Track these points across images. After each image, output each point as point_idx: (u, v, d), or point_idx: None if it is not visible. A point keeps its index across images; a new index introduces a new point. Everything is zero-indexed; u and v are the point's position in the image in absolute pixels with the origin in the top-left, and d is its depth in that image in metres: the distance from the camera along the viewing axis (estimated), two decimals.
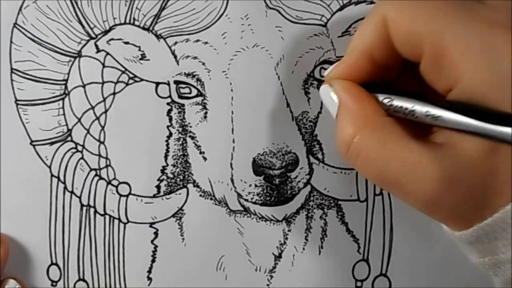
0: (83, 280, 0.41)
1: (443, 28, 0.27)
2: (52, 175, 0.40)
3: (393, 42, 0.30)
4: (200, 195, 0.41)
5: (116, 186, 0.41)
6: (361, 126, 0.30)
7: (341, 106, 0.31)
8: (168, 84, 0.40)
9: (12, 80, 0.40)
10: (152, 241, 0.41)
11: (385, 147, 0.29)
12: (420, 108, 0.29)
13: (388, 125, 0.30)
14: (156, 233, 0.41)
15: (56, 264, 0.41)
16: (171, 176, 0.41)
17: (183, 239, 0.41)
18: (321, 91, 0.33)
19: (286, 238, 0.41)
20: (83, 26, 0.40)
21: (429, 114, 0.28)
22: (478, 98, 0.27)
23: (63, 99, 0.40)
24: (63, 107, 0.40)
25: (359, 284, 0.42)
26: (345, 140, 0.30)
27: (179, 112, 0.40)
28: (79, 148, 0.40)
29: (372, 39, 0.30)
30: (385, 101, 0.31)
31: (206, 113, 0.40)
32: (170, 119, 0.40)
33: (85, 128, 0.40)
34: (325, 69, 0.40)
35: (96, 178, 0.41)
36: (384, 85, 0.32)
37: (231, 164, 0.40)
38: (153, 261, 0.41)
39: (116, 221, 0.41)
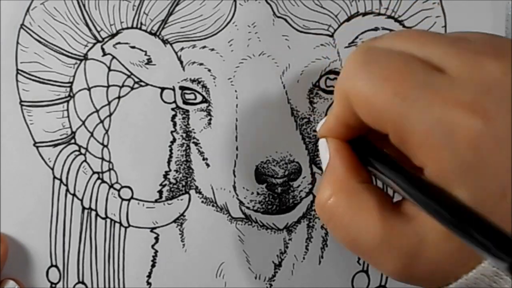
0: (83, 283, 0.41)
1: (404, 113, 0.26)
2: (54, 177, 0.40)
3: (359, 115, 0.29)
4: (202, 202, 0.41)
5: (118, 190, 0.41)
6: (337, 190, 0.30)
7: (328, 166, 0.31)
8: (174, 89, 0.40)
9: (17, 81, 0.40)
10: (152, 246, 0.41)
11: (358, 215, 0.29)
12: (398, 184, 0.28)
13: (365, 193, 0.29)
14: (157, 238, 0.41)
15: (56, 266, 0.41)
16: (174, 181, 0.41)
17: (183, 244, 0.41)
18: (320, 146, 0.32)
19: (287, 247, 0.41)
20: (90, 29, 0.40)
21: (405, 192, 0.28)
22: (445, 184, 0.26)
23: (68, 101, 0.40)
24: (67, 110, 0.40)
25: None
26: (320, 199, 0.30)
27: (183, 118, 0.40)
28: (82, 151, 0.40)
29: (343, 111, 0.29)
30: (370, 159, 0.30)
31: (210, 119, 0.40)
32: (174, 125, 0.40)
33: (89, 131, 0.40)
34: (331, 79, 0.40)
35: (99, 181, 0.41)
36: (370, 145, 0.31)
37: (233, 172, 0.40)
38: (153, 266, 0.41)
39: (117, 225, 0.41)
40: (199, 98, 0.40)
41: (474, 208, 0.24)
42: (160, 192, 0.41)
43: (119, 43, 0.40)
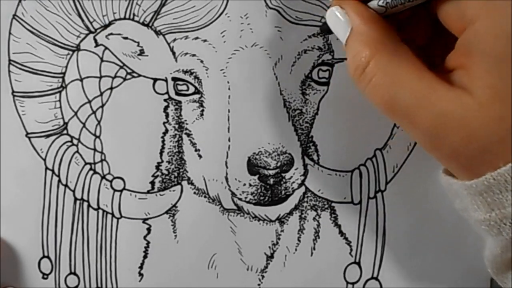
0: (75, 274, 0.41)
1: None
2: (46, 168, 0.40)
3: None
4: (194, 193, 0.41)
5: (111, 181, 0.41)
6: (378, 49, 0.29)
7: (355, 28, 0.30)
8: (166, 80, 0.40)
9: (9, 71, 0.40)
10: (144, 237, 0.41)
11: (400, 73, 0.28)
12: None
13: (403, 51, 0.29)
14: (149, 229, 0.41)
15: (48, 257, 0.41)
16: (166, 172, 0.41)
17: (175, 236, 0.41)
18: (328, 14, 0.32)
19: (279, 239, 0.41)
20: (82, 20, 0.40)
21: None
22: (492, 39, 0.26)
23: (60, 92, 0.40)
24: (59, 100, 0.40)
25: (350, 286, 0.42)
26: (361, 63, 0.29)
27: (176, 109, 0.40)
28: (75, 141, 0.40)
29: None
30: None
31: (202, 110, 0.40)
32: (167, 116, 0.40)
33: (81, 122, 0.40)
34: (323, 70, 0.40)
35: (91, 172, 0.41)
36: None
37: (226, 163, 0.40)
38: (145, 257, 0.41)
39: (109, 216, 0.41)
40: (192, 89, 0.40)
41: None
42: (152, 183, 0.41)
43: (111, 34, 0.40)
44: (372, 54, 0.29)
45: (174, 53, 0.40)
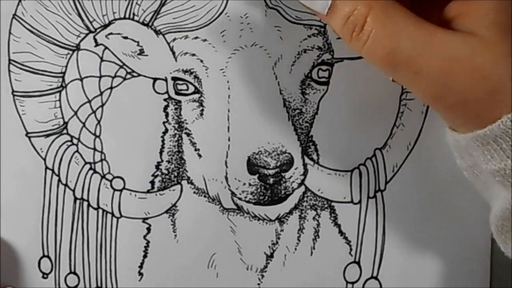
0: (74, 273, 0.41)
1: None
2: (46, 167, 0.40)
3: None
4: (194, 192, 0.41)
5: (110, 181, 0.41)
6: (372, 4, 0.29)
7: None
8: (166, 80, 0.40)
9: (9, 71, 0.40)
10: (144, 237, 0.41)
11: (398, 23, 0.28)
12: None
13: (397, 4, 0.29)
14: (148, 229, 0.41)
15: (48, 257, 0.41)
16: (166, 172, 0.41)
17: (175, 235, 0.41)
18: None
19: (279, 238, 0.41)
20: (82, 20, 0.40)
21: None
22: None
23: (60, 91, 0.40)
24: (59, 100, 0.40)
25: (349, 286, 0.42)
26: (358, 21, 0.29)
27: (175, 109, 0.40)
28: (75, 141, 0.40)
29: None
30: None
31: (202, 110, 0.40)
32: (167, 115, 0.40)
33: (81, 122, 0.40)
34: (323, 70, 0.40)
35: (91, 171, 0.41)
36: None
37: (226, 162, 0.40)
38: (145, 256, 0.41)
39: (109, 216, 0.41)
40: (191, 89, 0.40)
41: None
42: (152, 182, 0.41)
43: (111, 33, 0.40)
44: (367, 10, 0.29)
45: (174, 53, 0.40)
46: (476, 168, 0.31)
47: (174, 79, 0.40)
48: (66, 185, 0.41)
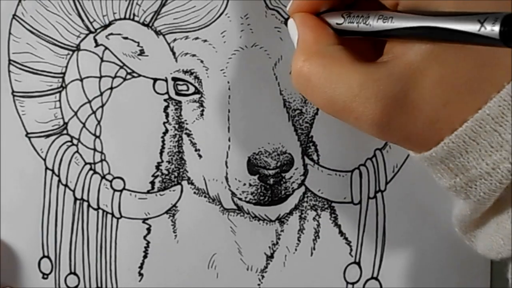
0: (75, 273, 0.41)
1: None
2: (46, 168, 0.40)
3: None
4: (194, 193, 0.41)
5: (111, 181, 0.41)
6: (310, 55, 0.30)
7: (299, 38, 0.31)
8: (166, 80, 0.40)
9: (9, 71, 0.40)
10: (144, 237, 0.41)
11: (332, 72, 0.29)
12: (374, 14, 0.29)
13: (337, 52, 0.30)
14: (148, 229, 0.41)
15: (48, 257, 0.41)
16: (166, 172, 0.41)
17: (175, 236, 0.41)
18: (288, 26, 0.33)
19: (279, 239, 0.41)
20: (82, 20, 0.40)
21: (382, 16, 0.28)
22: (424, 6, 0.26)
23: (60, 92, 0.40)
24: (59, 100, 0.40)
25: (350, 286, 0.42)
26: (296, 70, 0.30)
27: (176, 109, 0.40)
28: (75, 141, 0.40)
29: None
30: (341, 19, 0.31)
31: (203, 110, 0.40)
32: (167, 116, 0.40)
33: (81, 122, 0.40)
34: None
35: (91, 172, 0.41)
36: (339, 11, 0.32)
37: (226, 163, 0.40)
38: (145, 257, 0.41)
39: (109, 216, 0.41)
40: (192, 89, 0.40)
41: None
42: (152, 183, 0.41)
43: (111, 34, 0.40)
44: (305, 59, 0.30)
45: (174, 53, 0.40)
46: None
47: (175, 79, 0.40)
48: (66, 185, 0.41)
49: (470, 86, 0.26)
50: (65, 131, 0.40)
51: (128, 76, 0.40)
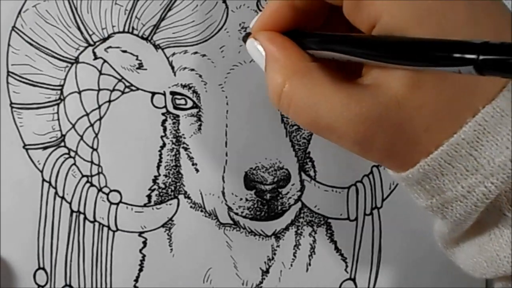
0: (70, 286, 0.41)
1: None
2: (43, 180, 0.40)
3: None
4: (191, 207, 0.41)
5: (107, 194, 0.41)
6: (289, 74, 0.29)
7: (268, 57, 0.31)
8: (164, 94, 0.40)
9: (8, 83, 0.40)
10: (140, 250, 0.41)
11: (314, 92, 0.29)
12: (351, 50, 0.28)
13: (315, 70, 0.29)
14: (144, 243, 0.41)
15: (43, 269, 0.41)
16: (163, 186, 0.41)
17: (171, 249, 0.41)
18: (247, 46, 0.32)
19: (274, 254, 0.41)
20: (81, 33, 0.40)
21: (364, 52, 0.27)
22: (400, 31, 0.26)
23: (58, 104, 0.40)
24: (57, 112, 0.40)
25: None
26: (276, 91, 0.30)
27: (173, 123, 0.40)
28: (72, 154, 0.40)
29: None
30: (311, 43, 0.30)
31: (200, 125, 0.40)
32: (165, 130, 0.40)
33: (78, 135, 0.40)
34: None
35: (88, 184, 0.41)
36: (308, 32, 0.32)
37: (223, 177, 0.40)
38: (140, 270, 0.41)
39: (105, 229, 0.41)
40: (190, 104, 0.40)
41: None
42: (149, 196, 0.41)
43: (110, 47, 0.40)
44: (284, 80, 0.29)
45: (173, 67, 0.40)
46: None
47: (173, 93, 0.40)
48: (62, 197, 0.41)
49: (449, 112, 0.27)
50: (62, 144, 0.40)
51: (127, 90, 0.40)
